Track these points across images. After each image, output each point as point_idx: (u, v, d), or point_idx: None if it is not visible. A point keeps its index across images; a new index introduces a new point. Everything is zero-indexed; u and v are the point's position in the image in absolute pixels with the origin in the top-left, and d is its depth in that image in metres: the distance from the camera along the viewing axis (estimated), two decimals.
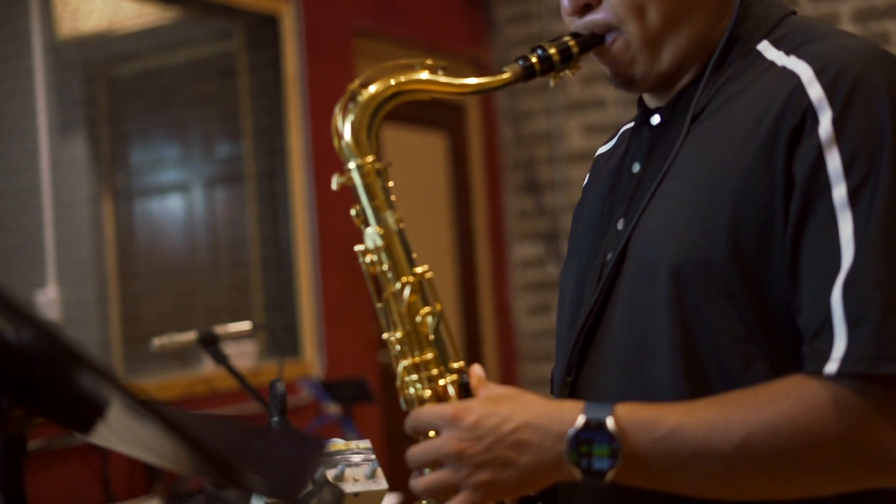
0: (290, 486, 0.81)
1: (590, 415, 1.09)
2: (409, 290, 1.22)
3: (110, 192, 4.05)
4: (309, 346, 4.26)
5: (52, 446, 3.31)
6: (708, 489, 1.10)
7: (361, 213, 1.25)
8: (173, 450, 0.91)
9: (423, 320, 1.22)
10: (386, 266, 1.23)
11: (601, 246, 1.30)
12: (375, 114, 1.25)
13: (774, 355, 1.14)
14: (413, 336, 1.22)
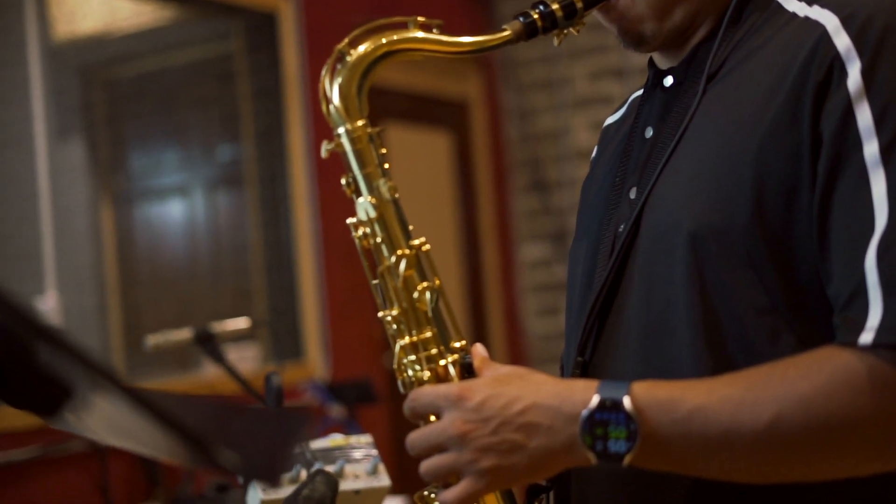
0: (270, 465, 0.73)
1: (604, 394, 1.01)
2: (404, 264, 1.14)
3: (109, 197, 4.00)
4: (312, 349, 4.23)
5: (50, 453, 3.26)
6: (733, 472, 1.02)
7: (352, 182, 1.16)
8: (148, 432, 0.82)
9: (420, 296, 1.14)
10: (380, 238, 1.15)
11: (613, 218, 1.21)
12: (366, 75, 1.16)
13: (802, 327, 1.06)
14: (410, 313, 1.14)
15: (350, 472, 1.68)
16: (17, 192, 3.64)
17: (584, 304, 1.21)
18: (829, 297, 1.04)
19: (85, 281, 3.86)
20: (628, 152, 1.25)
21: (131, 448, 1.00)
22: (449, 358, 1.13)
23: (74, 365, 0.85)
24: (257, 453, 0.74)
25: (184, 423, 0.73)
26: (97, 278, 3.92)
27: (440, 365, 1.13)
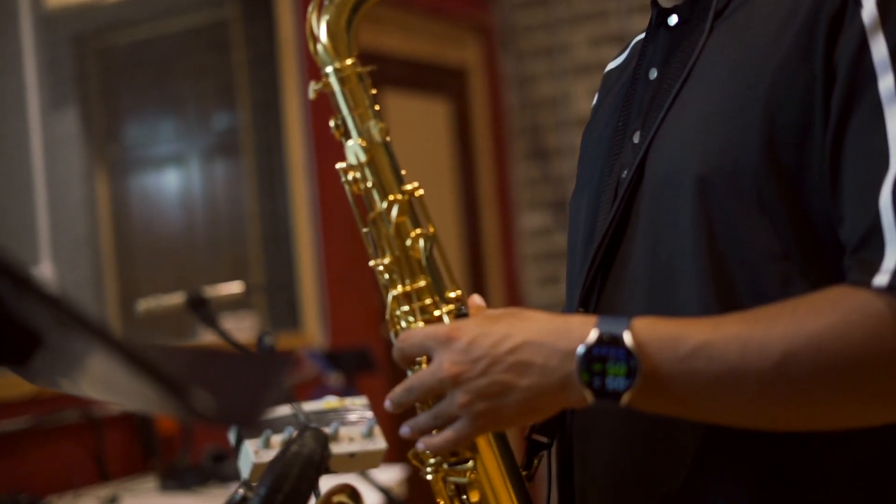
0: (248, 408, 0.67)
1: (604, 329, 0.95)
2: (396, 210, 1.08)
3: (104, 167, 3.94)
4: (310, 319, 4.19)
5: (43, 424, 3.22)
6: (738, 415, 0.96)
7: (341, 124, 1.11)
8: (122, 378, 0.77)
9: (413, 244, 1.08)
10: (370, 183, 1.09)
11: (615, 164, 1.16)
12: (355, 10, 1.11)
13: (815, 274, 1.00)
14: (403, 262, 1.09)
15: (345, 434, 1.63)
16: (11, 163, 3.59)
17: (585, 256, 1.16)
18: (841, 239, 0.99)
19: (80, 252, 3.82)
20: (631, 96, 1.19)
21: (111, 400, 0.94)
22: (444, 308, 1.08)
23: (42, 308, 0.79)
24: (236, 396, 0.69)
25: (155, 364, 0.67)
26: (92, 249, 3.88)
27: (434, 316, 1.07)
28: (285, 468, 1.00)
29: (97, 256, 3.89)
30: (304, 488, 1.00)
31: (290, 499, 0.99)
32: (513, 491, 1.06)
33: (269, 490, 0.99)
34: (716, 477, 1.02)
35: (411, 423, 1.02)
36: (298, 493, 0.99)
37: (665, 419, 1.01)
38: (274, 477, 0.99)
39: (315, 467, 1.01)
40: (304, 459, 1.00)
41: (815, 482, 1.00)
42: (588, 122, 1.34)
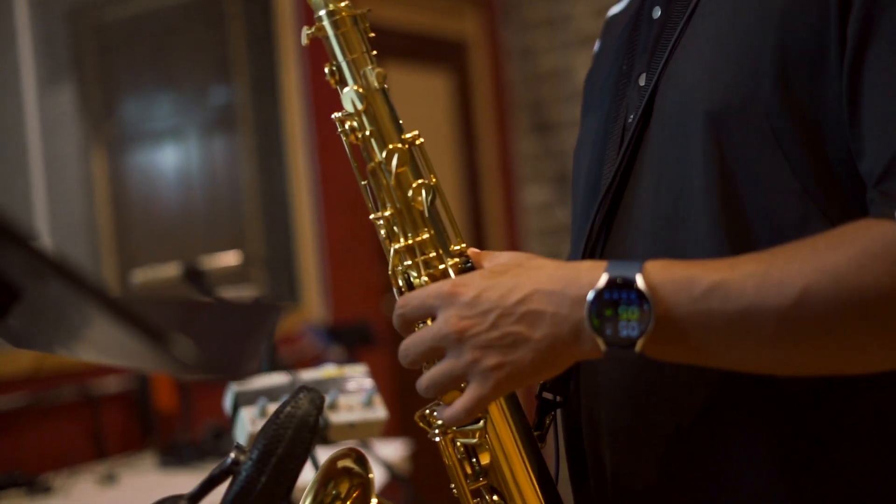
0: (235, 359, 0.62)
1: (614, 272, 0.89)
2: (397, 160, 1.02)
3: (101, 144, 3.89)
4: (310, 293, 4.16)
5: (40, 402, 3.18)
6: (755, 359, 0.90)
7: (337, 70, 1.05)
8: (104, 332, 0.72)
9: (415, 195, 1.02)
10: (368, 132, 1.03)
11: (620, 109, 1.11)
12: None
13: (834, 211, 0.95)
14: (405, 214, 1.03)
15: (344, 403, 1.58)
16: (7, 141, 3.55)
17: (590, 205, 1.10)
18: (862, 173, 0.93)
19: (78, 229, 3.77)
20: (635, 37, 1.14)
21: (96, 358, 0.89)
22: (448, 262, 1.02)
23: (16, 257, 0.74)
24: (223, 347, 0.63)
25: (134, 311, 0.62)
26: (90, 226, 3.83)
27: (439, 269, 1.01)
28: (279, 430, 0.94)
29: (95, 234, 3.85)
30: (298, 451, 0.94)
31: (284, 462, 0.93)
32: (524, 452, 1.01)
33: (262, 453, 0.93)
34: (729, 430, 0.97)
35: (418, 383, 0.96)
36: (293, 455, 0.93)
37: (674, 372, 0.95)
38: (267, 439, 0.94)
39: (310, 429, 0.95)
40: (299, 421, 0.94)
41: (833, 432, 0.95)
42: (590, 69, 1.28)
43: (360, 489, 1.02)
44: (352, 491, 1.02)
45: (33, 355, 3.18)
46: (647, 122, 1.05)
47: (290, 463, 0.93)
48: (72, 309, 0.73)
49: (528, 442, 1.01)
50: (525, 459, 1.01)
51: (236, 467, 0.94)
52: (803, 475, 0.95)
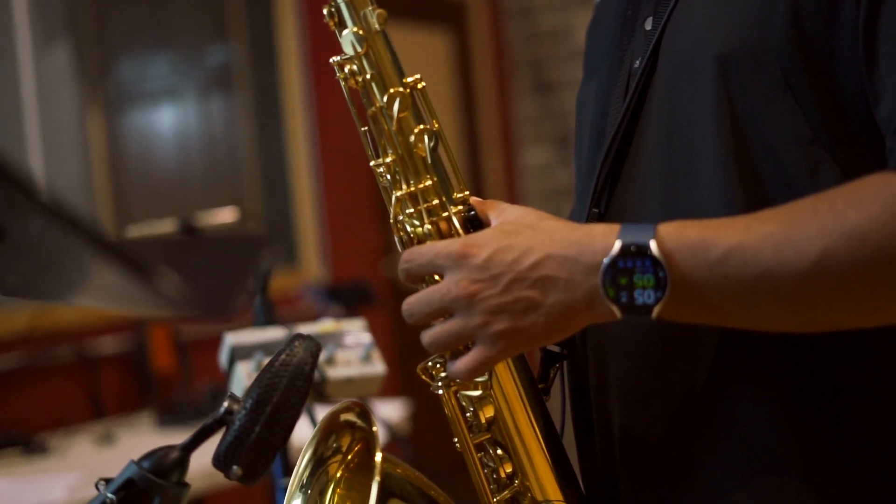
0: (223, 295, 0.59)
1: (627, 238, 0.87)
2: (398, 104, 0.99)
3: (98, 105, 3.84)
4: (309, 255, 4.13)
5: (38, 363, 3.15)
6: (773, 319, 0.88)
7: (335, 11, 1.01)
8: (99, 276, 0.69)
9: (417, 140, 0.99)
10: (369, 75, 1.00)
11: (626, 55, 1.07)
12: None
13: (847, 159, 0.92)
14: (407, 160, 1.00)
15: (342, 358, 1.55)
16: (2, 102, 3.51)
17: (595, 155, 1.07)
18: (879, 121, 0.90)
19: (75, 191, 3.74)
20: None
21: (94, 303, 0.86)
22: (452, 209, 0.98)
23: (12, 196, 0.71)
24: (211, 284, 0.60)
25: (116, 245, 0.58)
26: (86, 187, 3.80)
27: (442, 217, 0.98)
28: (273, 379, 0.91)
29: (91, 195, 3.81)
30: (293, 400, 0.91)
31: (278, 411, 0.90)
32: (529, 405, 0.99)
33: (257, 402, 0.91)
34: (739, 382, 0.95)
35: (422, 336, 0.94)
36: (288, 404, 0.91)
37: (686, 325, 0.93)
38: (261, 388, 0.91)
39: (306, 377, 0.92)
40: (294, 369, 0.92)
41: (844, 382, 0.93)
42: (593, 17, 1.24)
43: (362, 443, 1.00)
44: (354, 445, 1.00)
45: (28, 315, 3.16)
46: (653, 68, 1.01)
47: (285, 412, 0.91)
48: (67, 252, 0.71)
49: (533, 395, 0.99)
50: (529, 413, 0.98)
51: (230, 417, 0.92)
52: (813, 426, 0.93)
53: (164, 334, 3.42)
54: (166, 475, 0.93)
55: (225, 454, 0.92)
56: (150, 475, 0.92)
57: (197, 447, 0.94)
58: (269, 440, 0.91)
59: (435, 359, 0.98)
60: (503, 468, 0.98)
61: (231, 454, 0.92)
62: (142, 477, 0.92)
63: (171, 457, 0.94)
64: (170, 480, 0.92)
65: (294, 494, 0.99)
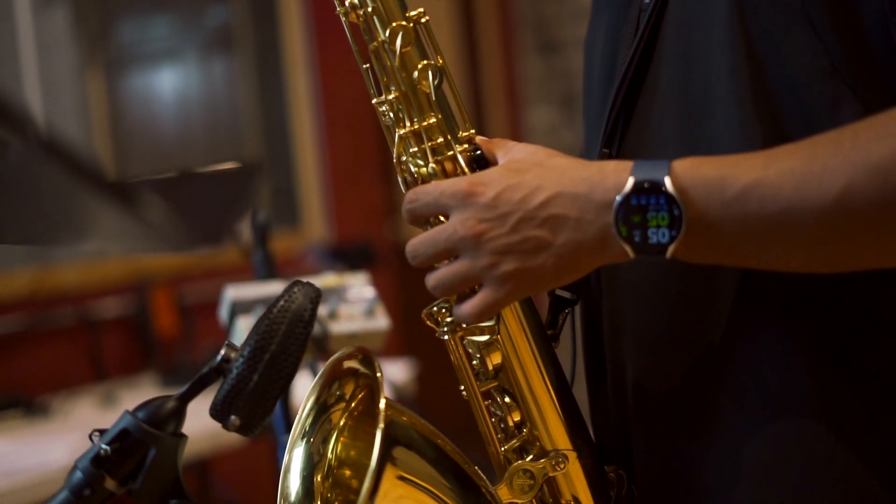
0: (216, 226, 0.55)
1: (640, 175, 0.84)
2: (401, 38, 0.94)
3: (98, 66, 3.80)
4: (313, 216, 4.10)
5: (39, 326, 3.13)
6: (792, 259, 0.85)
7: None
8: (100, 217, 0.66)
9: (421, 76, 0.95)
10: (370, 8, 0.95)
11: None
12: None
13: (868, 93, 0.87)
14: (410, 97, 0.96)
15: (344, 313, 1.52)
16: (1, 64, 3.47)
17: (606, 94, 1.03)
18: None
19: None
20: None
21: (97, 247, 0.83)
22: (457, 148, 0.94)
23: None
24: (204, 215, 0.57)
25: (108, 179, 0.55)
26: (88, 151, 3.76)
27: (447, 156, 0.94)
28: (272, 326, 0.88)
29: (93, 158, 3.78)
30: (292, 347, 0.88)
31: (277, 358, 0.87)
32: (537, 352, 0.95)
33: (254, 350, 0.87)
34: (759, 324, 0.91)
35: (427, 279, 0.90)
36: (287, 352, 0.87)
37: (703, 266, 0.89)
38: (259, 335, 0.87)
39: (305, 324, 0.88)
40: (293, 315, 0.88)
41: (864, 327, 0.89)
42: None
43: (366, 390, 0.96)
44: (357, 392, 0.97)
45: (30, 277, 3.13)
46: (665, 2, 0.97)
47: (284, 359, 0.88)
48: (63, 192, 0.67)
49: (542, 342, 0.95)
50: (538, 360, 0.95)
51: (227, 365, 0.89)
52: (833, 368, 0.89)
53: (166, 296, 3.39)
54: (162, 425, 0.89)
55: (222, 403, 0.89)
56: (146, 425, 0.89)
57: (194, 397, 0.91)
58: (267, 389, 0.88)
59: (440, 303, 0.95)
60: (511, 416, 0.95)
61: (228, 403, 0.89)
62: (137, 427, 0.89)
63: (166, 406, 0.91)
64: (165, 430, 0.89)
65: (296, 443, 0.96)
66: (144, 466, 0.89)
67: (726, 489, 0.92)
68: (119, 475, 0.89)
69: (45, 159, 0.62)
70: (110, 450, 0.89)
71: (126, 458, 0.89)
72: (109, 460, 0.88)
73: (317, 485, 0.95)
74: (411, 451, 0.91)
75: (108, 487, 0.88)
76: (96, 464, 0.89)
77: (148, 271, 3.44)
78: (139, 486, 0.88)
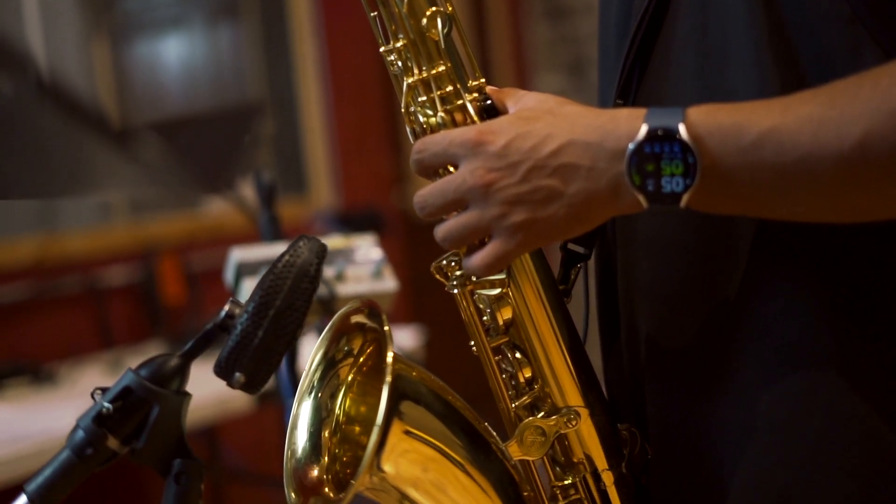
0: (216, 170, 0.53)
1: (654, 122, 0.81)
2: None
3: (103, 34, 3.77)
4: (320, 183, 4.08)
5: (46, 293, 3.11)
6: (809, 208, 0.83)
7: None
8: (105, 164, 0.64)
9: (430, 23, 0.93)
10: None
11: None
12: None
13: (889, 40, 0.85)
14: (419, 45, 0.93)
15: (352, 274, 1.49)
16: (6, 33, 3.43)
17: (620, 45, 1.00)
18: None
19: None
20: None
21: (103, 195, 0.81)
22: (467, 97, 0.92)
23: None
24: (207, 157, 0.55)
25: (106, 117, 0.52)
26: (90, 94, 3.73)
27: (457, 105, 0.91)
28: (276, 281, 0.85)
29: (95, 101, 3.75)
30: (297, 302, 0.86)
31: (282, 314, 0.85)
32: (549, 307, 0.93)
33: (259, 306, 0.85)
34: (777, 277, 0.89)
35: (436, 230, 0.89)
36: (292, 307, 0.85)
37: (719, 218, 0.87)
38: (264, 291, 0.85)
39: (311, 279, 0.86)
40: (298, 270, 0.86)
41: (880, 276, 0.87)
42: None
43: (374, 344, 0.94)
44: (366, 347, 0.95)
45: (37, 245, 3.11)
46: None
47: (289, 315, 0.86)
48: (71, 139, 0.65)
49: (554, 296, 0.93)
50: (550, 315, 0.93)
51: (231, 321, 0.87)
52: (852, 321, 0.87)
53: (172, 264, 3.38)
54: (165, 383, 0.88)
55: (227, 360, 0.87)
56: (149, 383, 0.87)
57: (198, 354, 0.89)
58: (272, 345, 0.86)
59: (449, 256, 0.93)
60: (522, 373, 0.94)
61: (233, 360, 0.87)
62: (139, 385, 0.87)
63: (170, 364, 0.89)
64: (169, 388, 0.87)
65: (304, 397, 0.94)
66: (148, 425, 0.87)
67: (741, 447, 0.90)
68: (122, 434, 0.87)
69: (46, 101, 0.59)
70: (112, 408, 0.87)
71: (129, 417, 0.87)
72: (112, 419, 0.87)
73: (324, 440, 0.93)
74: (420, 406, 0.89)
75: (111, 446, 0.87)
76: (98, 422, 0.87)
77: (154, 239, 3.43)
78: (142, 445, 0.87)
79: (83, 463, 0.87)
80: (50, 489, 0.86)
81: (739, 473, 0.90)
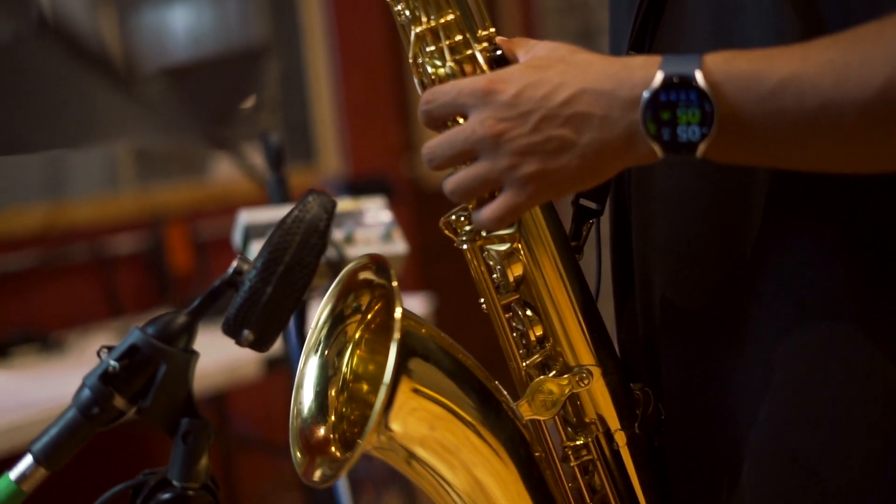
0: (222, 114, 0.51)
1: (669, 69, 0.79)
2: None
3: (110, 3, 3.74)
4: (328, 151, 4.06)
5: (53, 262, 3.10)
6: (829, 158, 0.81)
7: None
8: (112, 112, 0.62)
9: None
10: None
11: None
12: None
13: None
14: None
15: (361, 237, 1.48)
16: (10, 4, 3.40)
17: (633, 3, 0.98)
18: None
19: None
20: None
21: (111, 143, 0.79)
22: (476, 47, 0.90)
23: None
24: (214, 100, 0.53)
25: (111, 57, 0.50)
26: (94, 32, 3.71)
27: (466, 55, 0.89)
28: (285, 237, 0.84)
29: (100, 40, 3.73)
30: (307, 259, 0.84)
31: (291, 270, 0.83)
32: (560, 263, 0.91)
33: (267, 262, 0.84)
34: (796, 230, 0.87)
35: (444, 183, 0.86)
36: (301, 263, 0.84)
37: (737, 172, 0.85)
38: (273, 247, 0.84)
39: (320, 234, 0.85)
40: (307, 226, 0.84)
41: None
42: None
43: (382, 300, 0.92)
44: (374, 303, 0.93)
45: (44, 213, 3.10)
46: None
47: (298, 271, 0.84)
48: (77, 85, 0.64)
49: (565, 252, 0.91)
50: (561, 272, 0.91)
51: (239, 278, 0.85)
52: (871, 273, 0.85)
53: (180, 232, 3.37)
54: (172, 341, 0.86)
55: (235, 317, 0.85)
56: (156, 340, 0.86)
57: (205, 311, 0.88)
58: (281, 302, 0.84)
59: (458, 211, 0.91)
60: (533, 331, 0.92)
61: (241, 317, 0.85)
62: (146, 342, 0.86)
63: (177, 321, 0.87)
64: (176, 346, 0.86)
65: (310, 354, 0.92)
66: (155, 383, 0.85)
67: (757, 406, 0.88)
68: (128, 392, 0.85)
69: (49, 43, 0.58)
70: (119, 366, 0.86)
71: (135, 375, 0.85)
72: (118, 377, 0.85)
73: (331, 399, 0.92)
74: (429, 363, 0.88)
75: (117, 405, 0.85)
76: (105, 381, 0.86)
77: (162, 206, 3.41)
78: (149, 404, 0.85)
79: (89, 422, 0.85)
80: (55, 448, 0.85)
81: (755, 432, 0.88)
